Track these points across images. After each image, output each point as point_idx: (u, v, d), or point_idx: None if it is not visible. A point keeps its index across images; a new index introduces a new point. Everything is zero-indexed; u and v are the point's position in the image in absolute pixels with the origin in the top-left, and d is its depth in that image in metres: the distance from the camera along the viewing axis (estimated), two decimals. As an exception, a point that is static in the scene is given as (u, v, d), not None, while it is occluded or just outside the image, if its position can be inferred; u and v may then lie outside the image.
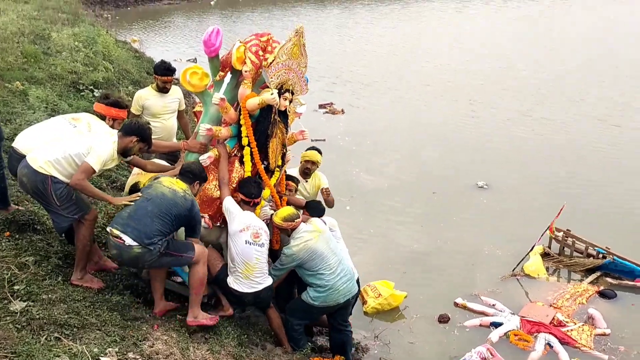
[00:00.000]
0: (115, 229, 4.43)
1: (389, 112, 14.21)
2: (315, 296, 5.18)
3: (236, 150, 5.48)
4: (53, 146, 4.61)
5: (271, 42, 5.36)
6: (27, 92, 8.83)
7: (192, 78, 5.19)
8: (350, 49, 20.65)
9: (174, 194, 4.59)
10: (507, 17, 26.76)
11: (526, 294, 7.48)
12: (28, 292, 4.36)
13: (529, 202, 9.69)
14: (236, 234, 4.98)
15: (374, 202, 9.66)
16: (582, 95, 15.28)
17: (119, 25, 23.92)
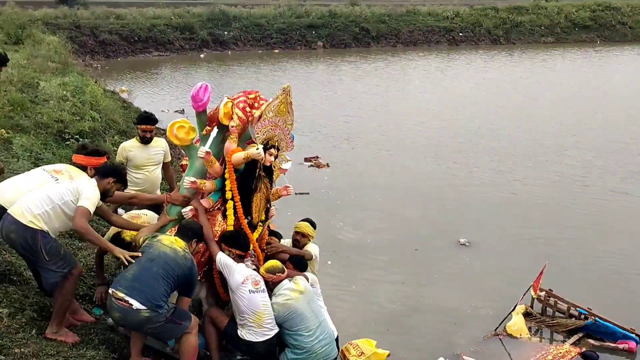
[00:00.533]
0: (119, 291, 4.34)
1: (372, 168, 14.33)
2: (293, 358, 5.11)
3: (219, 204, 5.49)
4: (38, 198, 4.56)
5: (258, 100, 5.47)
6: (12, 140, 8.83)
7: (179, 132, 5.24)
8: (335, 105, 20.97)
9: (175, 253, 4.58)
10: (487, 78, 27.44)
11: (509, 355, 7.40)
12: (0, 345, 4.25)
13: (511, 261, 9.70)
14: (239, 286, 4.97)
15: (356, 257, 9.61)
16: (560, 156, 15.55)
17: (108, 75, 24.20)
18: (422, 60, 32.50)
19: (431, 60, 32.79)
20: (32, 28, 22.89)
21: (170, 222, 5.32)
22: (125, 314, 4.36)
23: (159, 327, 4.45)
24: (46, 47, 18.96)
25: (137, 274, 4.43)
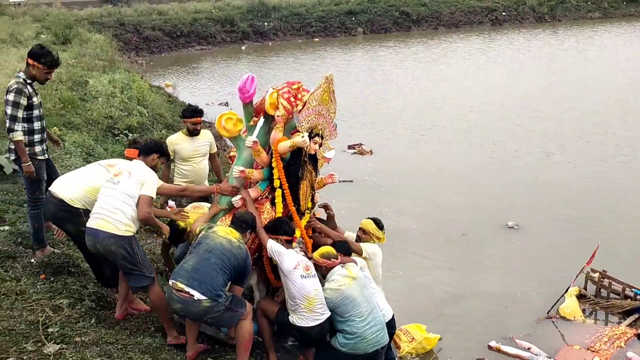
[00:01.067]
0: (179, 283, 4.45)
1: (415, 153, 14.20)
2: (344, 342, 5.14)
3: (267, 192, 5.57)
4: (120, 206, 4.74)
5: (301, 90, 5.53)
6: (64, 137, 9.12)
7: (227, 123, 5.32)
8: (375, 91, 20.80)
9: (230, 244, 4.67)
10: (531, 57, 26.74)
11: (562, 337, 7.28)
12: (62, 334, 4.44)
13: (561, 244, 9.50)
14: (291, 272, 5.01)
15: (402, 243, 9.57)
16: (605, 137, 15.10)
17: (153, 70, 24.62)
18: (463, 42, 31.89)
19: (472, 41, 32.14)
20: (78, 27, 23.50)
21: (220, 211, 5.43)
22: (186, 305, 4.46)
23: (218, 316, 4.55)
24: (93, 45, 19.46)
25: (196, 265, 4.53)
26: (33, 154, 5.51)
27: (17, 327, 4.38)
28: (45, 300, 4.85)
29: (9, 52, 13.87)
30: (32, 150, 5.52)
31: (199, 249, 4.64)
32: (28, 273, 5.30)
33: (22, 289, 4.97)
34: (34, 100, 5.50)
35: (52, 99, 10.87)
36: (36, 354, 4.10)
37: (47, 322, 4.55)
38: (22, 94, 5.36)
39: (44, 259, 5.54)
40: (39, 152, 5.59)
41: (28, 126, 5.49)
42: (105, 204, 4.76)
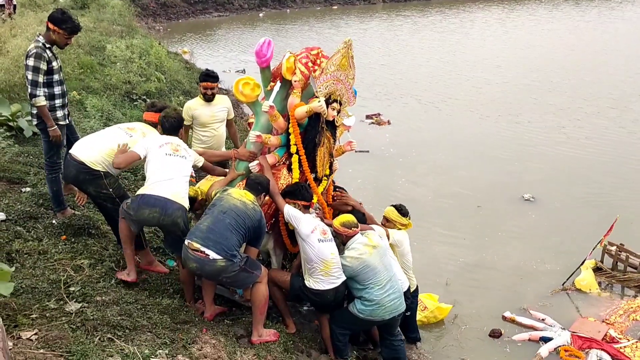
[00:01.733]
0: (195, 242, 4.50)
1: (433, 125, 14.11)
2: (362, 309, 5.18)
3: (285, 158, 5.56)
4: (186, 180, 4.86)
5: (320, 56, 5.46)
6: (84, 101, 9.16)
7: (244, 88, 5.30)
8: (393, 61, 20.61)
9: (244, 205, 4.70)
10: (550, 29, 26.25)
11: (577, 309, 7.29)
12: (83, 293, 4.52)
13: (578, 215, 9.45)
14: (308, 235, 5.03)
15: (417, 213, 9.50)
16: (624, 112, 14.85)
17: (170, 37, 24.55)
18: (482, 12, 31.39)
19: (492, 12, 31.61)
20: (96, -8, 23.38)
21: (238, 176, 5.45)
22: (202, 264, 4.51)
23: (233, 275, 4.60)
24: (110, 10, 19.40)
25: (211, 225, 4.57)
26: (55, 119, 5.53)
27: (40, 285, 4.45)
28: (66, 260, 4.92)
29: (28, 15, 13.85)
30: (54, 116, 5.53)
31: (214, 210, 4.68)
32: (49, 234, 5.37)
33: (44, 248, 5.04)
34: (53, 64, 5.49)
35: (71, 63, 10.89)
36: (58, 312, 4.17)
37: (69, 281, 4.62)
38: (41, 59, 5.36)
39: (64, 220, 5.61)
40: (60, 117, 5.61)
41: (48, 91, 5.50)
42: (177, 176, 4.78)
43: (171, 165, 4.83)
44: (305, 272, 5.15)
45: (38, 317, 4.04)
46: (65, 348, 3.68)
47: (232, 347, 4.52)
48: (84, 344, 3.75)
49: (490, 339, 6.76)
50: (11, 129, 7.51)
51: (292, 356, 4.89)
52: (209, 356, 4.23)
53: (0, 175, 6.25)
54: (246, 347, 4.64)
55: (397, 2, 35.56)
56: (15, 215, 5.47)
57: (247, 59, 20.62)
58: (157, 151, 4.90)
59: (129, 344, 3.97)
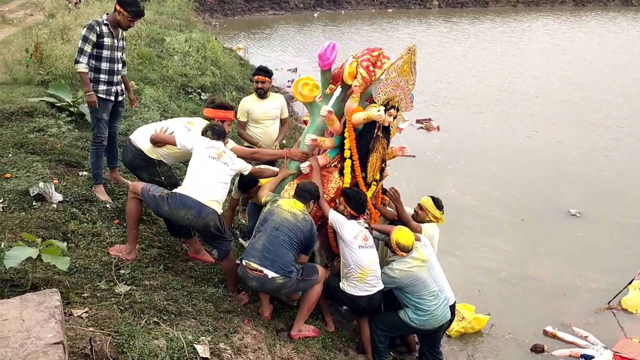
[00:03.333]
0: (253, 263, 4.67)
1: (483, 133, 13.88)
2: (414, 318, 5.21)
3: (336, 161, 5.60)
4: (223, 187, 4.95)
5: (381, 58, 5.47)
6: (142, 91, 9.41)
7: (303, 89, 5.37)
8: (447, 67, 20.40)
9: (295, 217, 4.81)
10: (604, 43, 25.50)
11: (622, 329, 7.10)
12: (132, 277, 4.67)
13: (625, 234, 9.17)
14: (350, 241, 5.09)
15: (462, 222, 9.42)
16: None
17: (225, 32, 24.87)
18: (538, 22, 30.72)
19: (548, 22, 30.91)
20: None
21: (289, 175, 5.54)
22: (261, 282, 4.69)
23: (293, 288, 4.83)
24: (170, 4, 19.80)
25: (266, 244, 4.70)
26: (95, 91, 5.77)
27: (92, 266, 4.62)
28: (118, 243, 5.09)
29: (94, 5, 14.29)
30: (96, 88, 5.78)
31: (267, 227, 4.77)
32: (103, 217, 5.57)
33: (97, 231, 5.22)
34: (105, 40, 5.71)
35: (130, 54, 11.19)
36: (108, 292, 4.33)
37: (119, 264, 4.79)
38: (92, 30, 5.64)
39: (118, 206, 5.81)
40: (101, 91, 5.82)
41: (95, 64, 5.76)
42: (215, 181, 4.88)
43: (212, 169, 4.92)
44: (342, 275, 5.19)
45: (89, 297, 4.21)
46: (114, 328, 3.82)
47: (272, 339, 4.61)
48: (131, 325, 3.88)
49: (530, 353, 6.66)
50: (72, 115, 7.78)
51: (330, 353, 4.95)
52: (249, 346, 4.33)
53: (60, 158, 6.48)
54: (286, 341, 4.72)
55: (452, 7, 35.16)
56: (72, 198, 5.67)
57: (300, 57, 20.79)
58: (202, 152, 5.00)
59: (174, 328, 4.09)
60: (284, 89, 15.95)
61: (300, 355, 4.60)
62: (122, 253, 4.94)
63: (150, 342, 3.80)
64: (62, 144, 6.79)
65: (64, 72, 8.90)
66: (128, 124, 7.85)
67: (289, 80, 17.10)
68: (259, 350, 4.34)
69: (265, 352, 4.37)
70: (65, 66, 8.97)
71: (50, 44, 9.72)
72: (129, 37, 12.23)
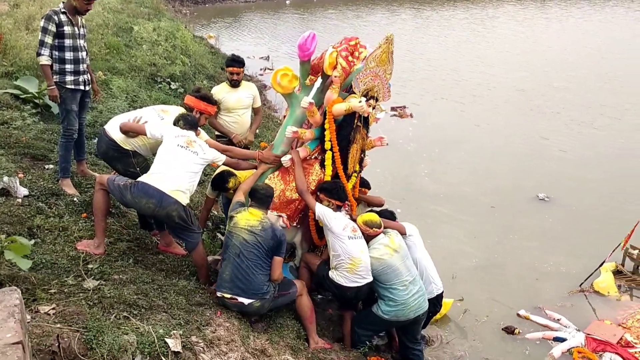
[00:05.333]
0: (226, 293, 4.69)
1: (456, 121, 13.90)
2: (386, 310, 5.21)
3: (317, 153, 5.57)
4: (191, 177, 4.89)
5: (358, 47, 5.44)
6: (109, 82, 9.24)
7: (282, 80, 5.29)
8: (420, 55, 20.40)
9: (252, 233, 4.74)
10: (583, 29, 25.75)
11: (594, 311, 7.22)
12: (101, 271, 4.57)
13: (596, 217, 9.32)
14: (340, 232, 5.10)
15: (434, 209, 9.45)
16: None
17: (196, 21, 24.56)
18: (513, 6, 30.88)
19: (526, 6, 31.09)
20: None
21: (268, 169, 5.50)
22: (241, 308, 4.72)
23: (273, 304, 4.85)
24: (139, -8, 19.45)
25: (233, 273, 4.70)
26: (62, 82, 5.63)
27: (59, 261, 4.50)
28: (86, 238, 4.97)
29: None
30: (62, 79, 5.63)
31: (229, 254, 4.76)
32: (70, 211, 5.44)
33: (64, 225, 5.10)
34: (65, 29, 5.55)
35: (97, 44, 10.98)
36: (76, 288, 4.22)
37: (88, 259, 4.67)
38: (50, 20, 5.47)
39: (85, 199, 5.69)
40: (68, 82, 5.66)
41: (59, 54, 5.59)
42: (182, 171, 4.81)
43: (180, 158, 4.86)
44: (332, 265, 5.18)
45: (56, 292, 4.10)
46: (82, 324, 3.73)
47: (245, 331, 4.56)
48: (100, 321, 3.80)
49: (503, 336, 6.73)
50: (37, 106, 7.60)
51: (305, 343, 4.93)
52: (222, 339, 4.27)
53: (25, 151, 6.33)
54: (259, 332, 4.68)
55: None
56: (38, 192, 5.54)
57: (272, 45, 20.62)
58: (171, 140, 4.93)
59: (144, 323, 4.01)
60: (257, 77, 15.84)
61: (274, 346, 4.56)
62: (90, 247, 4.82)
63: (120, 337, 3.72)
64: (27, 137, 6.63)
65: (28, 64, 8.68)
66: (95, 115, 7.70)
67: (261, 68, 17.00)
68: (232, 342, 4.29)
69: (238, 344, 4.32)
70: (30, 57, 8.75)
71: (15, 35, 9.48)
72: (96, 26, 12.00)
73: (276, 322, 4.94)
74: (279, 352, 4.54)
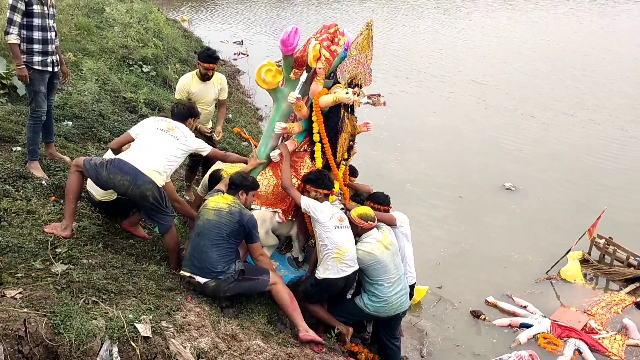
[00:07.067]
0: (185, 271, 4.69)
1: (430, 110, 14.01)
2: (368, 304, 5.26)
3: (305, 144, 5.56)
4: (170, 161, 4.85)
5: (338, 34, 5.41)
6: (79, 63, 9.05)
7: (266, 75, 5.27)
8: (393, 42, 20.41)
9: (218, 214, 4.72)
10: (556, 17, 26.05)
11: (559, 299, 7.38)
12: (69, 255, 4.49)
13: (562, 207, 9.50)
14: (326, 222, 5.10)
15: (403, 199, 9.38)
16: (615, 95, 14.95)
17: (169, 3, 24.22)
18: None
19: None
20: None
21: (260, 164, 5.52)
22: (200, 287, 4.70)
23: (234, 287, 4.72)
24: (111, -27, 19.07)
25: (191, 252, 4.72)
26: (30, 63, 5.50)
27: (27, 245, 4.42)
28: (54, 221, 4.88)
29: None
30: (30, 59, 5.50)
31: (192, 234, 4.79)
32: (39, 194, 5.33)
33: (32, 209, 5.00)
34: (34, 7, 5.41)
35: (67, 25, 10.73)
36: (44, 272, 4.16)
37: (56, 242, 4.59)
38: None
39: (54, 182, 5.59)
40: (36, 62, 5.54)
41: (27, 33, 5.46)
42: (159, 152, 4.77)
43: (159, 140, 4.83)
44: (319, 262, 5.18)
45: (23, 277, 4.03)
46: (50, 308, 3.68)
47: (216, 316, 4.55)
48: (68, 306, 3.75)
49: (473, 323, 6.84)
50: (4, 87, 7.42)
51: (275, 328, 4.94)
52: (192, 324, 4.26)
53: (-9, 133, 6.18)
54: (230, 318, 4.66)
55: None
56: (5, 174, 5.41)
57: (246, 29, 20.45)
58: (151, 124, 4.95)
59: (114, 307, 3.97)
60: (230, 62, 15.70)
61: (245, 331, 4.55)
62: (57, 230, 4.74)
63: (88, 322, 3.68)
64: (-7, 118, 6.47)
65: (-5, 43, 8.44)
66: (64, 97, 7.54)
67: (235, 53, 16.85)
68: (202, 327, 4.27)
69: (209, 329, 4.31)
70: (-5, 37, 8.50)
71: (-19, 13, 9.22)
72: (66, 6, 11.74)
73: (247, 308, 4.91)
74: (249, 337, 4.53)
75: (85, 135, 7.15)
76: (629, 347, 6.52)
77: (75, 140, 6.95)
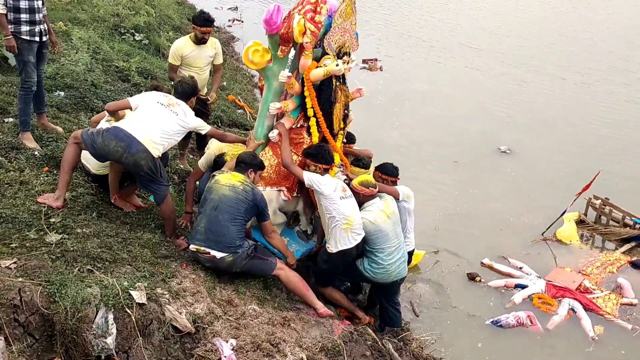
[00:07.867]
0: (200, 246, 4.65)
1: (427, 73, 13.88)
2: (367, 268, 5.30)
3: (301, 119, 5.53)
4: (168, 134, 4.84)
5: (320, 3, 5.32)
6: (70, 32, 8.94)
7: (254, 56, 5.22)
8: (392, 7, 20.14)
9: (233, 190, 4.72)
10: None
11: (555, 259, 7.43)
12: (63, 225, 4.51)
13: (557, 168, 9.52)
14: (331, 194, 5.08)
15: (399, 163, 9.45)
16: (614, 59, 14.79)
17: (162, -30, 23.77)
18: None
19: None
20: None
21: (258, 145, 5.50)
22: (213, 262, 4.69)
23: (247, 264, 4.76)
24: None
25: (207, 226, 4.67)
26: (18, 33, 5.46)
27: (20, 215, 4.44)
28: (48, 191, 4.89)
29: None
30: (17, 29, 5.46)
31: (206, 208, 4.73)
32: (32, 165, 5.33)
33: (25, 179, 5.00)
34: None
35: (58, -8, 10.58)
36: (38, 242, 4.18)
37: (50, 212, 4.61)
38: None
39: (47, 152, 5.58)
40: (23, 32, 5.49)
41: (14, 3, 5.40)
42: (156, 124, 4.77)
43: (158, 113, 4.82)
44: (328, 236, 5.19)
45: (18, 247, 4.06)
46: (44, 277, 3.71)
47: (211, 282, 4.59)
48: (63, 274, 3.78)
49: (469, 285, 6.91)
50: (-5, 58, 7.35)
51: (271, 293, 4.98)
52: (188, 290, 4.30)
53: (-18, 104, 6.15)
54: (226, 284, 4.70)
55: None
56: (-3, 146, 5.41)
57: None
58: (152, 98, 4.95)
59: (108, 275, 4.00)
60: (225, 29, 15.51)
61: (240, 297, 4.60)
62: (49, 200, 4.75)
63: (83, 290, 3.72)
64: (-16, 89, 6.42)
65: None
66: (57, 68, 7.48)
67: (229, 19, 16.63)
68: (198, 293, 4.31)
69: (204, 295, 4.35)
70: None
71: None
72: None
73: (243, 274, 4.94)
74: (245, 302, 4.58)
75: (77, 105, 7.10)
76: (623, 306, 6.59)
77: (68, 111, 6.91)
